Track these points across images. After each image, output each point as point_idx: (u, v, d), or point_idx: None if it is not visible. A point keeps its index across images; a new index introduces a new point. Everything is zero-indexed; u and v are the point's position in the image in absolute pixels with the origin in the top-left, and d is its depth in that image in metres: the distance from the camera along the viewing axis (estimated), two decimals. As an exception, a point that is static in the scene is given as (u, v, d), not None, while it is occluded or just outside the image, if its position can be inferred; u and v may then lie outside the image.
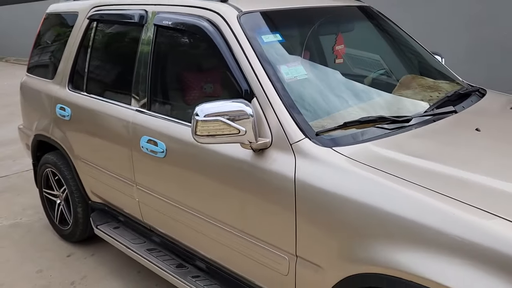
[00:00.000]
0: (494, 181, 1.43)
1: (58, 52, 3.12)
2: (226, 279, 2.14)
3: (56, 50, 3.16)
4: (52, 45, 3.27)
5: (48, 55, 3.29)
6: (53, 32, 3.31)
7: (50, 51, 3.28)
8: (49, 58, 3.27)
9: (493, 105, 2.17)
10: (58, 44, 3.16)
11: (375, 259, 1.43)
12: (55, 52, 3.17)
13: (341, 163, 1.56)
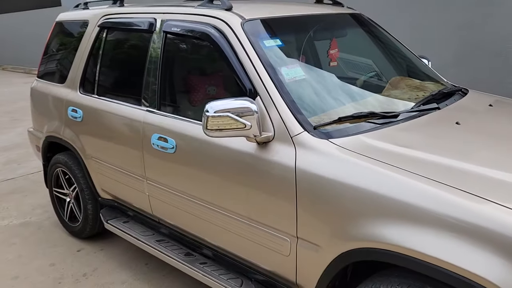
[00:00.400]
0: (467, 165, 1.63)
1: (68, 58, 3.31)
2: (231, 264, 2.33)
3: (67, 56, 3.35)
4: (62, 52, 3.46)
5: (59, 61, 3.47)
6: (63, 39, 3.50)
7: (60, 57, 3.46)
8: (59, 63, 3.45)
9: (473, 103, 2.39)
10: (68, 50, 3.35)
11: (366, 235, 1.62)
12: (66, 58, 3.36)
13: (336, 152, 1.77)
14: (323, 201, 1.75)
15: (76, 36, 3.30)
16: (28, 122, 7.89)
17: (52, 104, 3.39)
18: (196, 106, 2.42)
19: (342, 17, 2.89)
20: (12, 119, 8.15)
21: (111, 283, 2.92)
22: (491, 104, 2.39)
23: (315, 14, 2.66)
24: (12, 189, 4.66)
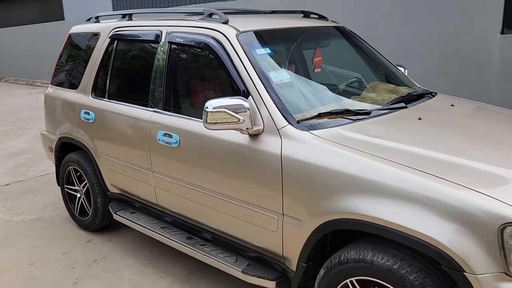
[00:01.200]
0: (423, 151, 1.98)
1: (81, 66, 3.67)
2: (228, 244, 2.66)
3: (79, 64, 3.71)
4: (75, 60, 3.82)
5: (72, 69, 3.83)
6: (76, 49, 3.86)
7: (73, 65, 3.82)
8: (73, 71, 3.81)
9: (437, 103, 2.75)
10: (81, 59, 3.71)
11: (338, 208, 1.96)
12: (79, 66, 3.71)
13: (314, 141, 2.11)
14: (304, 182, 2.09)
15: (88, 46, 3.66)
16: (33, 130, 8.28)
17: (65, 108, 3.74)
18: (197, 106, 2.76)
19: (327, 29, 3.27)
20: (18, 128, 8.49)
21: (120, 267, 3.23)
22: (452, 104, 2.74)
23: (302, 26, 3.04)
24: (24, 189, 4.98)
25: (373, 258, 1.87)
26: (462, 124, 2.45)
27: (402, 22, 6.82)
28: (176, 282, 3.01)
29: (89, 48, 3.62)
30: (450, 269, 1.68)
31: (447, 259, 1.68)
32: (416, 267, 1.78)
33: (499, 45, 6.06)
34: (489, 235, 1.62)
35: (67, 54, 3.95)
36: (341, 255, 2.00)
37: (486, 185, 1.73)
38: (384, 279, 1.85)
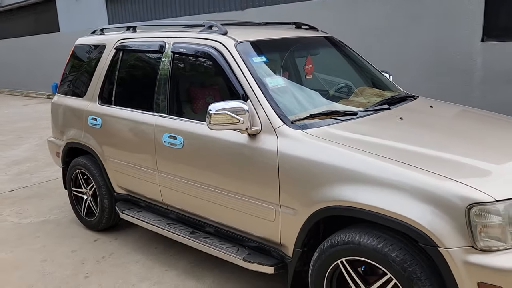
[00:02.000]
0: (402, 145, 2.24)
1: (88, 75, 3.91)
2: (229, 236, 2.89)
3: (86, 74, 3.95)
4: (81, 70, 4.06)
5: (79, 78, 4.07)
6: (82, 59, 4.10)
7: (80, 75, 4.06)
8: (79, 80, 4.05)
9: (418, 105, 3.03)
10: (87, 69, 3.95)
11: (329, 197, 2.21)
12: (85, 75, 3.95)
13: (307, 139, 2.37)
14: (298, 174, 2.34)
15: (94, 56, 3.90)
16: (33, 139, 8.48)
17: (73, 115, 3.97)
18: (199, 110, 3.02)
19: (317, 39, 3.55)
20: (17, 137, 8.67)
21: (127, 263, 3.45)
22: (431, 105, 3.02)
23: (294, 37, 3.32)
24: (29, 194, 5.18)
25: (360, 240, 2.12)
26: (438, 122, 2.73)
27: (390, 32, 7.16)
28: (181, 274, 3.23)
29: (95, 58, 3.86)
30: (426, 245, 1.94)
31: (424, 236, 1.93)
32: (397, 245, 2.04)
33: (480, 52, 6.41)
34: (458, 215, 1.88)
35: (73, 64, 4.19)
36: (332, 239, 2.25)
37: (455, 173, 1.99)
38: (370, 257, 2.10)
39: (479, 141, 2.45)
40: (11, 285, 3.21)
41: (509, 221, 1.88)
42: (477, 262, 1.85)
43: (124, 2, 12.42)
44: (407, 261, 2.00)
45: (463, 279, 1.87)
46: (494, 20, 6.26)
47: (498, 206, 1.87)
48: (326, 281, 2.31)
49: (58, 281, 3.22)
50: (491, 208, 1.86)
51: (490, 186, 1.93)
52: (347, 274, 2.23)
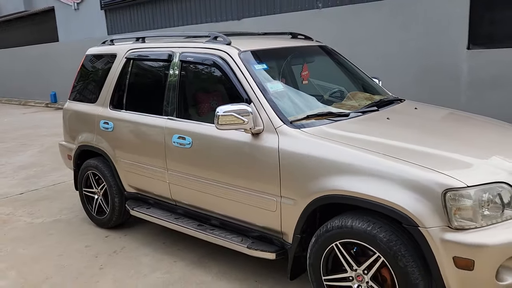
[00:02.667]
0: (388, 141, 2.55)
1: (99, 82, 4.19)
2: (234, 227, 3.18)
3: (97, 81, 4.23)
4: (93, 77, 4.35)
5: (90, 85, 4.35)
6: (93, 67, 4.39)
7: (91, 82, 4.35)
8: (91, 87, 4.33)
9: (404, 107, 3.35)
10: (98, 76, 4.24)
11: (325, 187, 2.50)
12: (97, 82, 4.24)
13: (304, 136, 2.67)
14: (297, 168, 2.64)
15: (105, 65, 4.19)
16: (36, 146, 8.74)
17: (85, 119, 4.25)
18: (206, 113, 3.31)
19: (312, 48, 3.87)
20: (21, 144, 8.91)
21: (138, 256, 3.72)
22: (416, 107, 3.35)
23: (291, 46, 3.64)
24: (38, 197, 5.43)
25: (352, 224, 2.42)
26: (421, 122, 3.04)
27: (382, 40, 7.52)
28: (189, 265, 3.50)
29: (106, 67, 4.15)
30: (409, 226, 2.23)
31: (407, 218, 2.23)
32: (384, 228, 2.33)
33: (466, 59, 6.78)
34: (436, 199, 2.18)
35: (84, 72, 4.48)
36: (328, 224, 2.55)
37: (433, 163, 2.30)
38: (361, 239, 2.39)
39: (456, 138, 2.77)
40: (33, 275, 3.46)
41: (479, 204, 2.18)
42: (452, 239, 2.15)
43: (123, 12, 12.74)
44: (392, 241, 2.29)
45: (441, 254, 2.17)
46: (478, 29, 6.64)
47: (469, 191, 2.17)
48: (323, 263, 2.60)
49: (75, 272, 3.48)
50: (463, 193, 2.17)
51: (463, 174, 2.23)
52: (341, 255, 2.53)
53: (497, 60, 6.48)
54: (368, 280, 2.46)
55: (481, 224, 2.18)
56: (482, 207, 2.20)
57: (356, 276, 2.50)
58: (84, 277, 3.40)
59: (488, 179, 2.25)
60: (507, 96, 6.47)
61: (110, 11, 13.14)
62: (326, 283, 2.63)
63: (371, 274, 2.44)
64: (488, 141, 2.76)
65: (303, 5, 8.57)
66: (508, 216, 2.25)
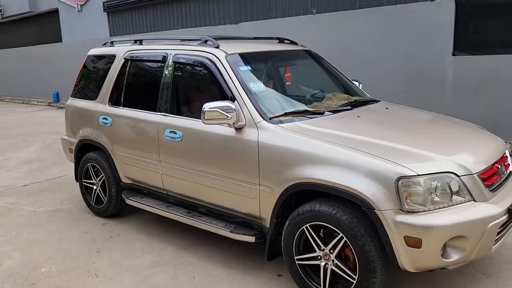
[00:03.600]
0: (355, 136, 2.86)
1: (99, 81, 4.52)
2: (219, 214, 3.49)
3: (98, 79, 4.56)
4: (93, 76, 4.67)
5: (91, 83, 4.68)
6: (94, 67, 4.72)
7: (92, 81, 4.67)
8: (91, 85, 4.66)
9: (376, 107, 3.67)
10: (99, 75, 4.56)
11: (297, 176, 2.81)
12: (97, 81, 4.57)
13: (281, 131, 2.99)
14: (274, 159, 2.95)
15: (105, 65, 4.52)
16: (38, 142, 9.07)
17: (85, 115, 4.57)
18: (196, 109, 3.63)
19: (296, 52, 4.19)
20: (24, 141, 9.23)
21: (132, 241, 4.03)
22: (387, 107, 3.66)
23: (276, 50, 3.96)
24: (41, 189, 5.75)
25: (320, 208, 2.73)
26: (388, 120, 3.36)
27: (370, 46, 7.85)
28: (178, 249, 3.81)
29: (106, 67, 4.48)
30: (367, 209, 2.54)
31: (365, 202, 2.54)
32: (346, 211, 2.64)
33: (451, 65, 7.10)
34: (390, 185, 2.49)
35: (86, 71, 4.81)
36: (299, 209, 2.86)
37: (390, 155, 2.61)
38: (327, 221, 2.70)
39: (416, 133, 3.09)
40: (35, 256, 3.78)
41: (428, 190, 2.50)
42: (403, 221, 2.46)
43: (125, 15, 13.10)
44: (353, 223, 2.60)
45: (393, 233, 2.48)
46: (463, 36, 6.96)
47: (419, 179, 2.48)
48: (295, 244, 2.91)
49: (74, 254, 3.80)
50: (414, 180, 2.48)
51: (415, 165, 2.54)
52: (310, 237, 2.84)
53: (481, 66, 6.81)
54: (333, 258, 2.77)
55: (429, 208, 2.49)
56: (432, 194, 2.51)
57: (324, 255, 2.81)
58: (83, 258, 3.72)
59: (438, 169, 2.56)
60: (489, 100, 6.79)
61: (112, 13, 13.50)
62: (298, 262, 2.94)
63: (336, 253, 2.75)
64: (445, 138, 3.08)
65: (298, 10, 8.91)
66: (456, 202, 2.56)
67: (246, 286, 3.19)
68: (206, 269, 3.45)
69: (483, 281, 3.12)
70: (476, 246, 2.50)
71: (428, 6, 7.17)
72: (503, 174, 2.91)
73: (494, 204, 2.61)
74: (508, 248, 3.57)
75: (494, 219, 2.53)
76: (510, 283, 3.09)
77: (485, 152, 2.90)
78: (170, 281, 3.30)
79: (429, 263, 2.51)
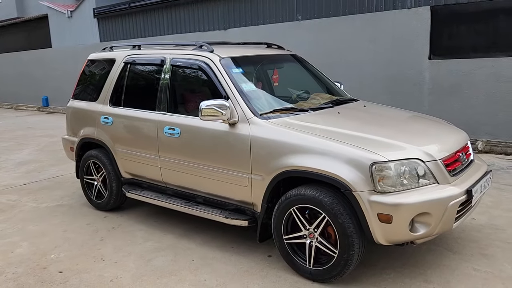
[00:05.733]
0: (334, 128, 3.26)
1: (100, 83, 4.84)
2: (214, 203, 3.84)
3: (98, 82, 4.88)
4: (94, 79, 5.00)
5: (91, 85, 5.00)
6: (94, 70, 5.05)
7: (92, 83, 4.99)
8: (92, 87, 4.98)
9: (355, 105, 4.08)
10: (99, 78, 4.89)
11: (284, 164, 3.19)
12: (97, 83, 4.89)
13: (270, 125, 3.37)
14: (264, 150, 3.32)
15: (105, 68, 4.85)
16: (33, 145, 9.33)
17: (87, 115, 4.89)
18: (192, 108, 3.99)
19: (283, 56, 4.59)
20: (18, 144, 9.45)
21: (133, 230, 4.35)
22: (365, 105, 4.08)
23: (264, 54, 4.35)
24: (40, 187, 6.02)
25: (305, 192, 3.11)
26: (365, 116, 3.77)
27: (352, 51, 8.31)
28: (177, 236, 4.15)
29: (106, 70, 4.81)
30: (345, 191, 2.93)
31: (344, 185, 2.92)
32: (328, 194, 3.03)
33: (428, 68, 7.59)
34: (365, 170, 2.88)
35: (86, 74, 5.13)
36: (287, 194, 3.24)
37: (365, 144, 3.00)
38: (311, 203, 3.08)
39: (389, 127, 3.50)
40: (43, 245, 4.08)
41: (398, 174, 2.89)
42: (376, 200, 2.85)
43: (115, 21, 13.39)
44: (334, 203, 2.99)
45: (368, 211, 2.87)
46: (439, 41, 7.46)
47: (390, 164, 2.88)
48: (284, 225, 3.29)
49: (79, 242, 4.11)
50: (385, 165, 2.88)
51: (386, 152, 2.94)
52: (297, 218, 3.21)
53: (455, 70, 7.31)
54: (317, 236, 3.14)
55: (399, 190, 2.88)
56: (401, 177, 2.91)
57: (309, 234, 3.19)
58: (88, 245, 4.03)
59: (406, 156, 2.96)
60: (463, 101, 7.29)
61: (102, 19, 13.78)
62: (286, 242, 3.31)
63: (319, 231, 3.12)
64: (414, 130, 3.50)
65: (284, 17, 9.35)
66: (422, 184, 2.96)
67: (240, 266, 3.55)
68: (204, 253, 3.79)
69: (450, 257, 3.54)
70: (439, 222, 2.91)
71: (406, 13, 7.66)
72: (464, 161, 3.33)
73: (455, 186, 3.02)
74: (473, 230, 4.00)
75: (454, 198, 2.94)
76: (473, 258, 3.50)
77: (448, 142, 3.32)
78: (171, 263, 3.63)
79: (399, 237, 2.91)
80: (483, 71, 7.05)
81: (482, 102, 7.14)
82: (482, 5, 6.95)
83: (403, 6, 7.72)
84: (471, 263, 3.44)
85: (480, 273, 3.28)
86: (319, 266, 3.17)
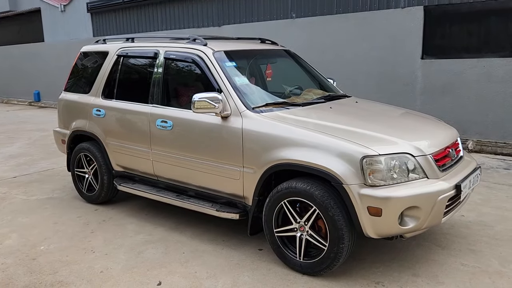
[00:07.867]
0: (326, 123, 3.27)
1: (92, 75, 4.82)
2: (206, 196, 3.85)
3: (91, 74, 4.86)
4: (86, 71, 4.97)
5: (84, 78, 4.97)
6: (87, 63, 5.02)
7: (85, 76, 4.97)
8: (84, 79, 4.95)
9: (347, 101, 4.11)
10: (92, 70, 4.86)
11: (275, 158, 3.20)
12: (90, 75, 4.87)
13: (262, 119, 3.38)
14: (255, 143, 3.34)
15: (98, 60, 4.83)
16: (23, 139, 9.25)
17: (79, 108, 4.86)
18: (185, 101, 3.98)
19: (276, 51, 4.60)
20: (8, 138, 9.37)
21: (123, 223, 4.34)
22: (356, 101, 4.10)
23: (257, 48, 4.35)
24: (30, 180, 5.98)
25: (296, 185, 3.13)
26: (357, 111, 3.80)
27: (346, 49, 8.34)
28: (168, 230, 4.15)
29: (99, 62, 4.79)
30: (336, 184, 2.95)
31: (335, 178, 2.94)
32: (319, 187, 3.04)
33: (420, 68, 7.65)
34: (356, 163, 2.91)
35: (79, 67, 5.10)
36: (278, 187, 3.25)
37: (356, 138, 3.03)
38: (302, 196, 3.10)
39: (380, 122, 3.53)
40: (33, 237, 4.05)
41: (387, 168, 2.92)
42: (366, 193, 2.87)
43: (109, 16, 13.31)
44: (324, 196, 3.01)
45: (358, 204, 2.89)
46: (431, 41, 7.52)
47: (380, 158, 2.91)
48: (274, 218, 3.30)
49: (70, 235, 4.09)
50: (376, 159, 2.90)
51: (377, 147, 2.97)
52: (288, 211, 3.23)
53: (447, 69, 7.37)
54: (307, 229, 3.16)
55: (389, 183, 2.91)
56: (391, 171, 2.93)
57: (299, 227, 3.21)
58: (78, 238, 4.02)
59: (396, 150, 2.99)
60: (454, 100, 7.35)
61: (96, 14, 13.69)
62: (277, 235, 3.32)
63: (310, 224, 3.14)
64: (405, 126, 3.53)
65: (279, 14, 9.36)
66: (411, 178, 2.99)
67: (231, 259, 3.55)
68: (194, 246, 3.79)
69: (438, 252, 3.57)
70: (428, 216, 2.94)
71: (399, 13, 7.71)
72: (453, 157, 3.37)
73: (444, 180, 3.05)
74: (462, 226, 4.05)
75: (444, 193, 2.97)
76: (461, 254, 3.55)
77: (438, 138, 3.35)
78: (161, 255, 3.63)
79: (389, 230, 2.93)
80: (474, 71, 7.11)
81: (473, 102, 7.21)
82: (475, 6, 7.02)
83: (396, 5, 7.76)
84: (459, 258, 3.48)
85: (467, 268, 3.32)
86: (309, 259, 3.19)
